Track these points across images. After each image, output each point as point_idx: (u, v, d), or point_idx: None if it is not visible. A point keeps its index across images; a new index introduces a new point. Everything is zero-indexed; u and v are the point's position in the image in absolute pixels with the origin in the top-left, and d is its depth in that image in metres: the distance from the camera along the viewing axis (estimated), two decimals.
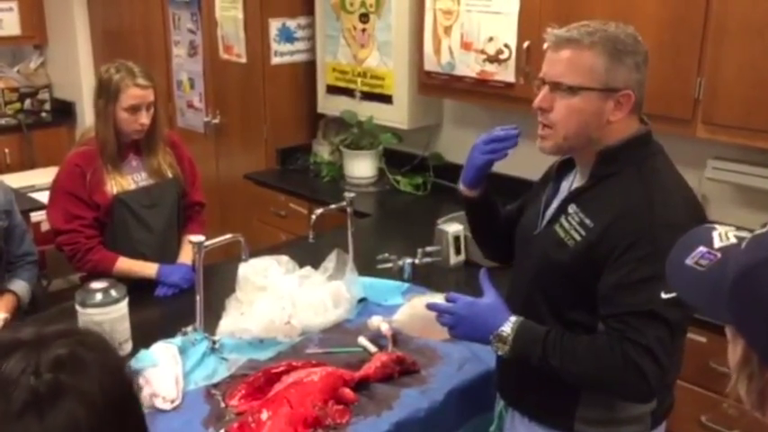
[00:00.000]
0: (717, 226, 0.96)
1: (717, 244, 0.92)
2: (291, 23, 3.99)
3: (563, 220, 1.67)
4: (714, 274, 0.90)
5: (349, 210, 2.59)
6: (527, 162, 2.23)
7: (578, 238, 1.62)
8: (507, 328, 1.65)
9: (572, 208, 1.66)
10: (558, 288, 1.68)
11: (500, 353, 1.68)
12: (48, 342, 0.85)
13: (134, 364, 1.98)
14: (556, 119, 1.63)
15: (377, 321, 2.20)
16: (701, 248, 0.93)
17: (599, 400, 1.69)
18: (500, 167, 2.30)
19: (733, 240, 0.92)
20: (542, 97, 1.65)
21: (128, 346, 2.14)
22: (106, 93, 2.54)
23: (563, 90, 1.61)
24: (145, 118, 2.56)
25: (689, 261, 0.93)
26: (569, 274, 1.63)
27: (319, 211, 2.60)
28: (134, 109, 2.53)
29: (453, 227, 2.77)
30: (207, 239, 2.20)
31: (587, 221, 1.62)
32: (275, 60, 3.99)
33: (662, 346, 1.52)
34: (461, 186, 1.91)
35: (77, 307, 2.12)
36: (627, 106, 1.61)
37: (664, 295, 1.50)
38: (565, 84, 1.60)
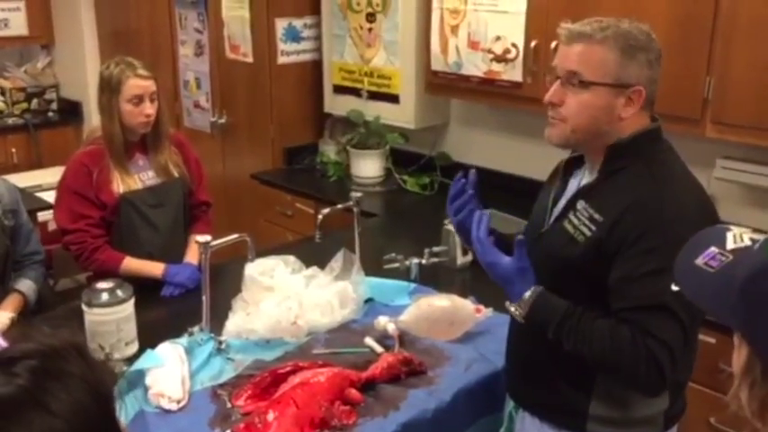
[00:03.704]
0: (732, 227, 0.93)
1: (730, 245, 0.89)
2: (298, 23, 3.99)
3: (572, 216, 1.66)
4: (724, 277, 0.87)
5: (356, 210, 2.58)
6: (535, 162, 2.22)
7: (588, 233, 1.61)
8: (528, 294, 1.64)
9: (581, 204, 1.65)
10: (568, 285, 1.66)
11: (516, 316, 1.67)
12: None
13: (140, 364, 1.98)
14: (567, 113, 1.63)
15: (383, 322, 2.19)
16: (713, 249, 0.89)
17: (612, 397, 1.67)
18: (509, 167, 2.29)
19: (747, 242, 0.89)
20: (553, 92, 1.64)
21: (134, 346, 2.14)
22: (108, 87, 2.55)
23: (574, 85, 1.60)
24: (149, 109, 2.56)
25: (699, 261, 0.90)
26: (580, 270, 1.61)
27: (326, 210, 2.59)
28: (137, 100, 2.54)
29: None
30: (213, 239, 2.19)
31: (597, 216, 1.60)
32: (282, 60, 3.98)
33: (677, 342, 1.52)
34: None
35: (84, 307, 2.12)
36: (638, 103, 1.60)
37: (674, 287, 1.50)
38: (576, 78, 1.60)
